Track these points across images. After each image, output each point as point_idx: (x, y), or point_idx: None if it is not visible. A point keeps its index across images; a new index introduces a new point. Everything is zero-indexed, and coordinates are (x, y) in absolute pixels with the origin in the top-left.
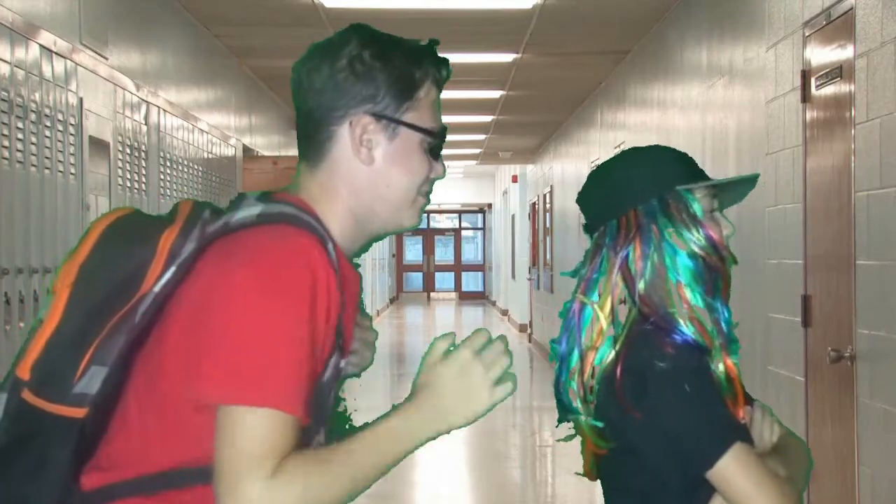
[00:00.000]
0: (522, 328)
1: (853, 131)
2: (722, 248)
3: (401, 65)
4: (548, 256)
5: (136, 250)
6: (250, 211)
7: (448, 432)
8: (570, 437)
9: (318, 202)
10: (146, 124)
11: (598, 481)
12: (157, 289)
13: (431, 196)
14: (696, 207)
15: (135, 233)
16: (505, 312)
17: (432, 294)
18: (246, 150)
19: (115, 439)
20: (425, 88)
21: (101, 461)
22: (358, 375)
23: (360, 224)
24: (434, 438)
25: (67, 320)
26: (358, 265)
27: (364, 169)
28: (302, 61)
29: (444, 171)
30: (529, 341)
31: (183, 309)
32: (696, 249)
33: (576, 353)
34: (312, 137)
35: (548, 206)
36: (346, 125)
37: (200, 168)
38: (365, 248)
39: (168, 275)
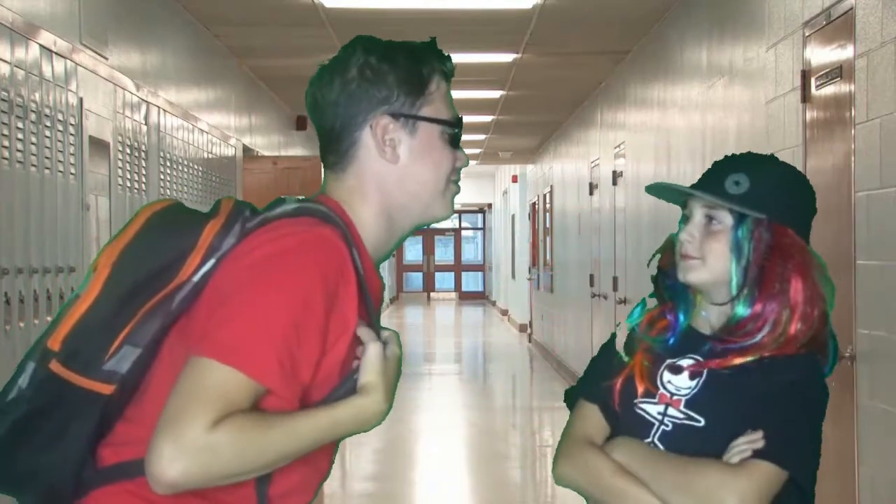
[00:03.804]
0: (522, 328)
1: (853, 131)
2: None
3: (407, 64)
4: (548, 256)
5: (179, 240)
6: (286, 207)
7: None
8: None
9: (350, 206)
10: (146, 124)
11: None
12: (196, 278)
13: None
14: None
15: (179, 223)
16: (505, 312)
17: (432, 294)
18: (246, 150)
19: (134, 418)
20: (435, 82)
21: (119, 438)
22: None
23: (392, 224)
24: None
25: (104, 298)
26: (381, 275)
27: (391, 167)
28: (313, 83)
29: (467, 159)
30: (529, 341)
31: (207, 292)
32: None
33: None
34: (336, 149)
35: (548, 206)
36: (366, 129)
37: (200, 168)
38: (392, 249)
39: (207, 266)
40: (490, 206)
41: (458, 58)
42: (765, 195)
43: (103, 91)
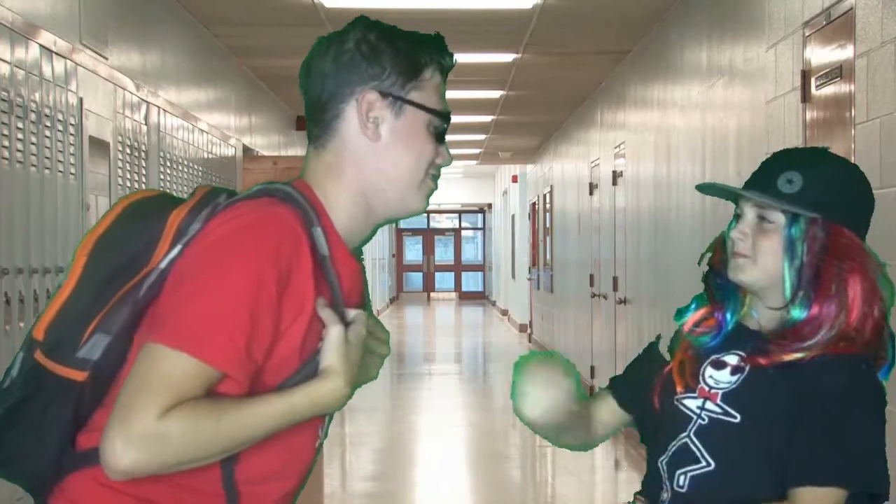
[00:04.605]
0: (522, 328)
1: (853, 131)
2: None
3: (405, 47)
4: (548, 256)
5: (151, 227)
6: (250, 189)
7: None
8: None
9: (323, 183)
10: (146, 124)
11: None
12: (163, 265)
13: (431, 198)
14: None
15: (152, 211)
16: (505, 312)
17: (432, 294)
18: (246, 150)
19: (109, 405)
20: (430, 71)
21: (95, 424)
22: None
23: (368, 209)
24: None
25: (81, 288)
26: (362, 257)
27: (371, 146)
28: (310, 53)
29: (450, 157)
30: (529, 341)
31: (169, 278)
32: None
33: None
34: (321, 119)
35: (548, 206)
36: (352, 102)
37: (200, 168)
38: (369, 236)
39: (174, 252)
40: (490, 206)
41: (458, 58)
42: (819, 194)
43: (103, 91)
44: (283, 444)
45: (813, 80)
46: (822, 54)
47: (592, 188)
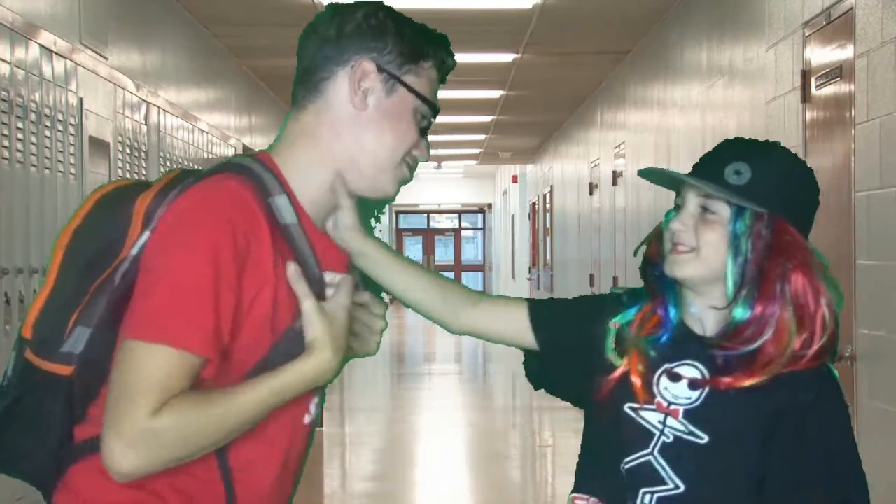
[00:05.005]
0: None
1: (853, 131)
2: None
3: (411, 33)
4: (548, 256)
5: (121, 215)
6: (211, 168)
7: (323, 380)
8: None
9: (293, 149)
10: (146, 124)
11: None
12: (134, 252)
13: (431, 198)
14: None
15: (124, 199)
16: None
17: None
18: (246, 150)
19: (102, 396)
20: (430, 63)
21: (90, 416)
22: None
23: (336, 176)
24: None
25: (60, 282)
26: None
27: (354, 114)
28: (314, 19)
29: (428, 153)
30: None
31: (140, 266)
32: None
33: None
34: (310, 80)
35: (548, 206)
36: (347, 69)
37: (201, 168)
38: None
39: (143, 238)
40: (490, 206)
41: (458, 58)
42: (768, 188)
43: (103, 91)
44: (272, 422)
45: (813, 80)
46: (822, 54)
47: (592, 188)
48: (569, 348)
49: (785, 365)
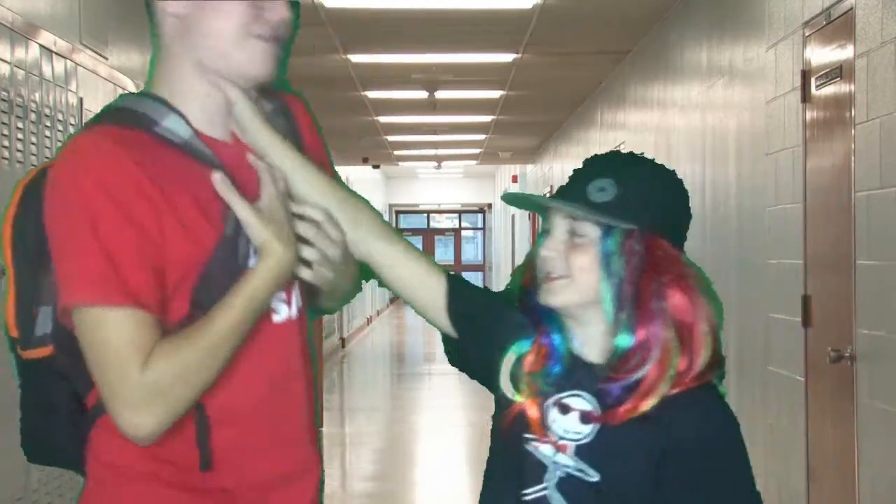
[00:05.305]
0: None
1: (853, 131)
2: None
3: None
4: None
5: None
6: (87, 122)
7: (284, 275)
8: None
9: (167, 71)
10: None
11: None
12: None
13: (431, 198)
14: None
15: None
16: None
17: None
18: None
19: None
20: None
21: (93, 386)
22: (333, 310)
23: (209, 72)
24: (278, 286)
25: (18, 273)
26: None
27: (181, 23)
28: None
29: (287, 12)
30: None
31: None
32: None
33: None
34: (150, 22)
35: None
36: None
37: None
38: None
39: None
40: (490, 206)
41: (458, 58)
42: (635, 202)
43: (103, 91)
44: (245, 362)
45: (813, 80)
46: (822, 54)
47: None
48: (479, 351)
49: (671, 387)
